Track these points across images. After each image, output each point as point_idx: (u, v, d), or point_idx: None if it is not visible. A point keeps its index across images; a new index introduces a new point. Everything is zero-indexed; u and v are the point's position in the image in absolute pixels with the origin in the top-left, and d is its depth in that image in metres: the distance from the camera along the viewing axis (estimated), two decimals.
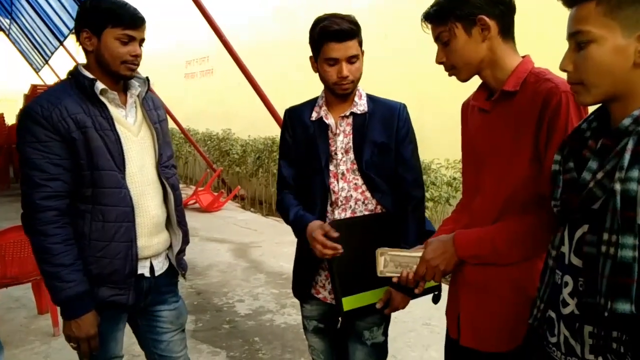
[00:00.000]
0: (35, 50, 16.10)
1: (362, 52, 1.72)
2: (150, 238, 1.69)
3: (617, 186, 0.88)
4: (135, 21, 1.57)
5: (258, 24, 9.57)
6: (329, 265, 1.70)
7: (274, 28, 8.94)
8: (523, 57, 1.37)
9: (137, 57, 1.60)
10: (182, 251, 1.83)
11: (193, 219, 6.85)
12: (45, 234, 1.50)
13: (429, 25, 1.40)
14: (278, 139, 7.16)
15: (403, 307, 1.72)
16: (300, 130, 1.83)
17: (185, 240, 1.83)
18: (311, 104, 1.85)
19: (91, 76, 1.57)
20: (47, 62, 15.84)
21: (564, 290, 1.03)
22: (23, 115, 1.52)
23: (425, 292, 1.77)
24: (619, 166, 0.89)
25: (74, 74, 1.60)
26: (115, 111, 1.62)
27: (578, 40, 0.97)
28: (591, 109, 1.09)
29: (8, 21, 16.37)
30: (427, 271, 1.40)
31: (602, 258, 0.90)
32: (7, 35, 18.76)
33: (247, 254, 5.33)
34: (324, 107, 1.80)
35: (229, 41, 5.39)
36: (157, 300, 1.79)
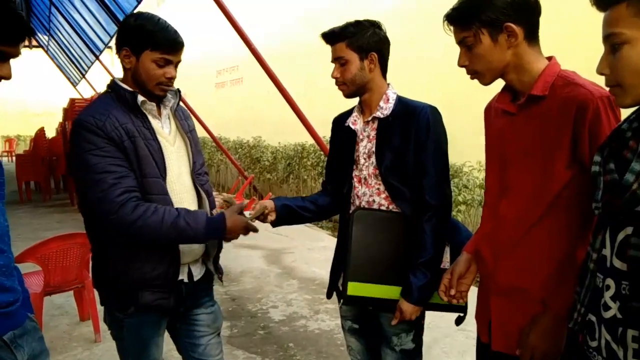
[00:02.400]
0: (73, 65, 16.64)
1: (366, 56, 1.70)
2: (189, 244, 1.72)
3: None
4: (174, 46, 1.62)
5: (286, 31, 9.67)
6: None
7: (302, 35, 9.02)
8: (548, 58, 1.34)
9: (172, 79, 1.66)
10: (218, 255, 1.88)
11: None
12: (141, 215, 1.52)
13: (452, 28, 1.37)
14: (307, 145, 7.21)
15: (413, 317, 1.69)
16: (339, 137, 1.90)
17: (220, 245, 1.87)
18: (353, 110, 1.89)
19: (131, 89, 1.63)
20: (84, 76, 16.36)
21: (606, 294, 1.00)
22: (76, 127, 1.56)
23: (449, 309, 1.75)
24: None
25: (113, 87, 1.66)
26: (153, 122, 1.68)
27: (612, 42, 0.96)
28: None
29: (47, 38, 17.00)
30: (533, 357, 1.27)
31: None
32: (46, 52, 19.47)
33: (279, 260, 5.37)
34: (356, 113, 1.83)
35: (258, 50, 5.46)
36: (194, 305, 1.83)
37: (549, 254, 1.31)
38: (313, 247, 5.61)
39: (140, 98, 1.63)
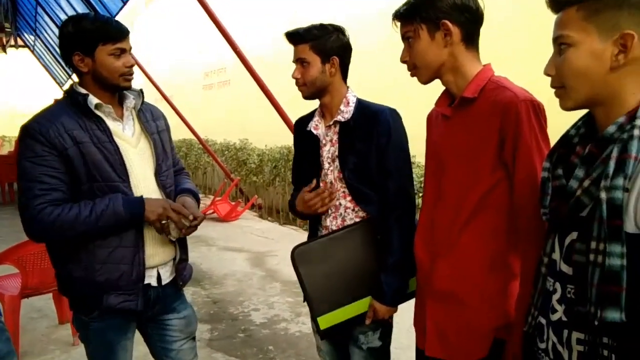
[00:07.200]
0: (59, 65, 16.53)
1: (328, 60, 1.72)
2: (156, 247, 1.72)
3: (603, 194, 0.88)
4: (122, 33, 1.63)
5: (276, 35, 9.68)
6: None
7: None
8: (484, 65, 1.39)
9: (132, 66, 1.66)
10: (182, 261, 1.84)
11: (210, 229, 6.92)
12: (59, 214, 1.53)
13: (398, 24, 1.43)
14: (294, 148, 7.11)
15: (387, 316, 1.73)
16: (301, 140, 1.90)
17: (184, 250, 1.84)
18: (314, 112, 1.89)
19: (84, 91, 1.63)
20: (70, 76, 16.24)
21: (553, 297, 1.03)
22: (22, 132, 1.58)
23: (410, 296, 1.77)
24: (604, 174, 0.89)
25: (69, 92, 1.66)
26: (112, 124, 1.67)
27: (559, 43, 0.99)
28: (572, 117, 1.09)
29: (33, 37, 16.87)
30: None
31: (591, 266, 0.90)
32: (32, 52, 19.30)
33: (263, 262, 5.37)
34: (317, 117, 1.84)
35: (245, 53, 5.48)
36: (166, 309, 1.82)
37: (477, 258, 1.35)
38: None
39: (95, 101, 1.62)
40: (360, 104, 1.78)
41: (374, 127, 1.71)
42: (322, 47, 1.71)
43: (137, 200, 1.62)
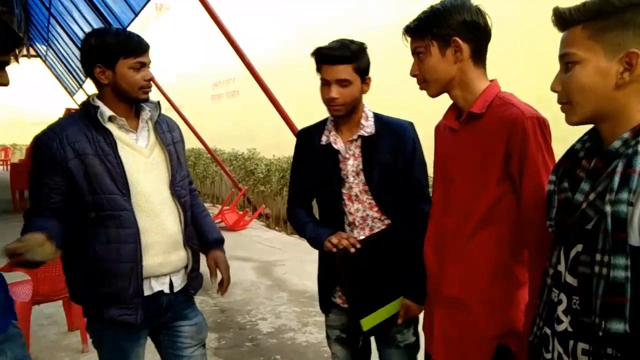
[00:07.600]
0: (70, 75, 16.71)
1: (364, 79, 1.75)
2: (168, 255, 1.74)
3: (608, 208, 0.90)
4: (142, 47, 1.68)
5: (283, 46, 9.76)
6: (345, 290, 1.80)
7: (298, 49, 9.11)
8: (490, 81, 1.43)
9: (150, 80, 1.71)
10: (194, 270, 1.87)
11: None
12: (28, 223, 1.59)
13: (409, 39, 1.46)
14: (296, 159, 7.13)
15: (419, 314, 1.81)
16: (311, 154, 1.89)
17: (196, 259, 1.88)
18: (321, 125, 1.89)
19: (97, 104, 1.67)
20: (81, 86, 16.41)
21: (559, 308, 1.05)
22: (32, 143, 1.67)
23: None
24: (609, 188, 0.91)
25: (85, 103, 1.71)
26: (125, 136, 1.70)
27: (565, 61, 1.02)
28: (579, 130, 1.12)
29: (45, 47, 17.08)
30: None
31: (595, 278, 0.92)
32: (44, 61, 19.54)
33: (271, 272, 5.39)
34: (333, 132, 1.84)
35: (254, 63, 5.54)
36: (177, 316, 1.84)
37: (484, 266, 1.39)
38: (305, 260, 5.61)
39: (109, 113, 1.66)
40: (378, 118, 1.83)
41: (401, 140, 1.79)
42: (363, 67, 1.74)
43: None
